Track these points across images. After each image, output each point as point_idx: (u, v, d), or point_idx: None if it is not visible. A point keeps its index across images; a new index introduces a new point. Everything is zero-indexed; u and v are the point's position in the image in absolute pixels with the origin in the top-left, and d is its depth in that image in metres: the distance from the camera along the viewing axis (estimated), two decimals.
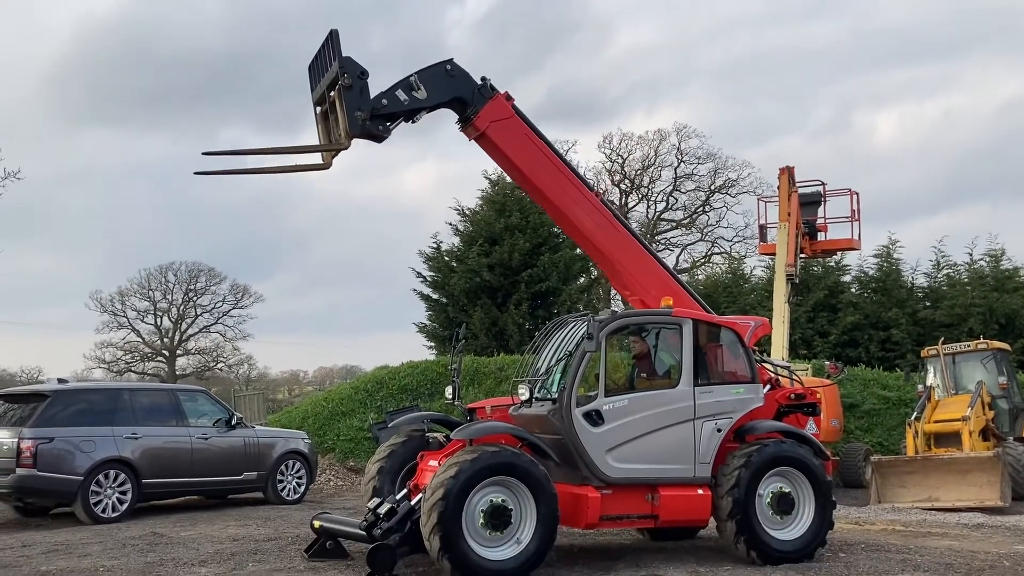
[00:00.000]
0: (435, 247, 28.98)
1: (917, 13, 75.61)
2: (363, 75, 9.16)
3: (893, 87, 73.58)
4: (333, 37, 9.21)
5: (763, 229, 21.55)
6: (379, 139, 9.44)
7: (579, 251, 23.85)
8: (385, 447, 9.81)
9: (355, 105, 9.10)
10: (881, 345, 25.13)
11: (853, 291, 26.94)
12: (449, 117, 9.98)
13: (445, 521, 7.49)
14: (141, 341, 52.66)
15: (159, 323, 52.63)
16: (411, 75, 9.46)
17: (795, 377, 10.60)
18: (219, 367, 54.54)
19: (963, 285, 25.75)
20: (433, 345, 28.62)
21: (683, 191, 44.86)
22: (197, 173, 9.74)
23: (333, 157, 9.44)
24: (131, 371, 52.16)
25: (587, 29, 74.68)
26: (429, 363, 22.42)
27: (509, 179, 14.61)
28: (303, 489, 14.74)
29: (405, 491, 8.60)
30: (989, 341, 17.57)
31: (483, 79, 9.83)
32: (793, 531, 8.80)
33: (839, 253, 23.61)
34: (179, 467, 13.07)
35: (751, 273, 30.32)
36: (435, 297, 28.57)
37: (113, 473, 12.28)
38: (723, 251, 43.10)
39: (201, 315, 52.87)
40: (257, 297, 53.50)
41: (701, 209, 44.88)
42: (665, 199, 44.96)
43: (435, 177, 78.84)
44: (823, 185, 20.06)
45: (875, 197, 66.85)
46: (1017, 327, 24.15)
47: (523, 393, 8.72)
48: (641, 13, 76.95)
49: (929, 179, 70.79)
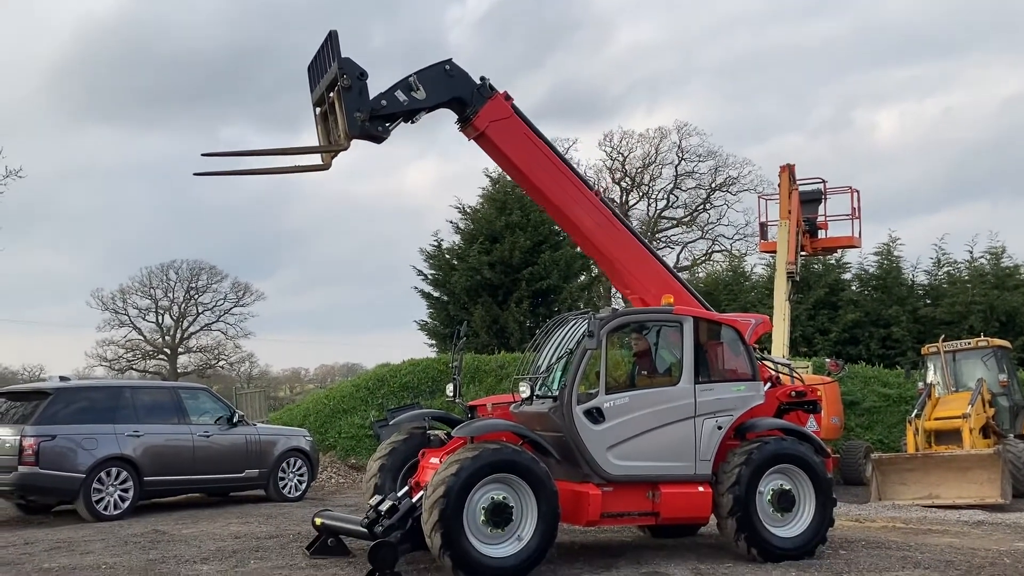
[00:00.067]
0: (436, 245, 29.02)
1: (918, 11, 75.68)
2: (362, 76, 9.14)
3: (894, 85, 73.65)
4: (332, 38, 9.20)
5: (764, 227, 21.56)
6: (378, 140, 9.43)
7: (580, 249, 23.82)
8: (386, 444, 9.83)
9: (354, 106, 9.08)
10: (881, 343, 25.13)
11: (854, 289, 26.94)
12: (449, 116, 9.96)
13: (446, 518, 7.51)
14: (143, 339, 52.75)
15: (160, 321, 52.76)
16: (410, 75, 9.44)
17: (796, 375, 10.61)
18: (220, 365, 54.61)
19: (963, 283, 25.74)
20: (434, 343, 28.65)
21: (684, 189, 44.98)
22: (197, 174, 9.76)
23: (332, 158, 9.43)
24: (133, 369, 52.22)
25: (588, 27, 74.77)
26: (430, 361, 22.44)
27: (510, 177, 14.60)
28: (304, 487, 14.76)
29: (406, 488, 8.61)
30: (989, 339, 17.60)
31: (482, 79, 9.81)
32: (794, 528, 8.81)
33: (840, 251, 23.64)
34: (181, 465, 13.10)
35: (752, 271, 30.39)
36: (436, 295, 28.59)
37: (115, 471, 12.30)
38: (724, 249, 43.16)
39: (202, 313, 53.03)
40: (258, 295, 53.63)
41: (702, 207, 44.95)
42: (666, 197, 45.08)
43: (436, 175, 78.92)
44: (824, 183, 20.07)
45: (876, 195, 66.99)
46: (1018, 325, 24.15)
47: (524, 391, 8.74)
48: (642, 11, 76.98)
49: (930, 177, 70.85)
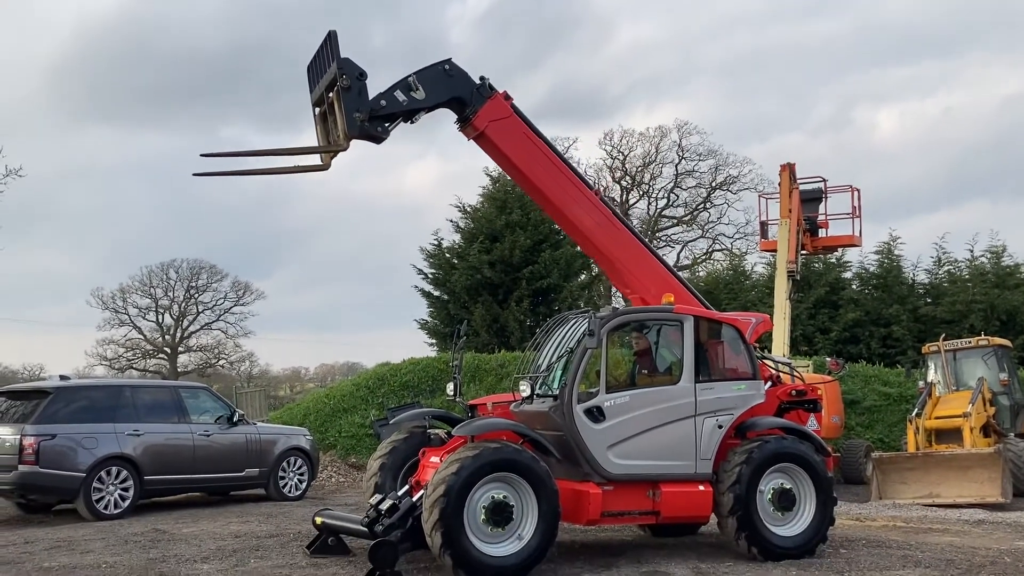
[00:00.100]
0: (436, 244, 28.99)
1: (918, 10, 75.68)
2: (361, 76, 9.13)
3: (894, 84, 73.68)
4: (331, 38, 9.18)
5: (764, 226, 21.55)
6: (378, 140, 9.40)
7: (580, 249, 23.84)
8: (387, 443, 9.82)
9: (353, 106, 9.07)
10: (882, 342, 25.12)
11: (854, 288, 26.92)
12: (449, 115, 9.94)
13: (447, 517, 7.51)
14: (143, 338, 52.73)
15: (161, 320, 52.77)
16: (409, 75, 9.42)
17: (796, 373, 10.61)
18: (221, 364, 54.58)
19: (964, 282, 25.72)
20: (434, 342, 28.64)
21: (684, 188, 44.92)
22: (196, 174, 9.77)
23: (332, 158, 9.41)
24: (133, 368, 52.20)
25: (588, 26, 74.75)
26: (430, 360, 22.44)
27: (509, 177, 14.56)
28: (305, 486, 14.76)
29: (407, 487, 8.60)
30: (990, 337, 17.60)
31: (481, 78, 9.79)
32: (794, 527, 8.81)
33: (840, 250, 23.64)
34: (181, 464, 13.10)
35: (752, 270, 30.36)
36: (436, 294, 28.58)
37: (115, 470, 12.29)
38: (724, 248, 43.09)
39: (203, 312, 53.01)
40: (258, 294, 53.63)
41: (702, 206, 44.90)
42: (666, 196, 45.03)
43: (436, 174, 78.87)
44: (824, 182, 20.04)
45: (876, 194, 67.00)
46: (1018, 323, 24.13)
47: (524, 390, 8.74)
48: (642, 10, 77.03)
49: (930, 176, 70.83)
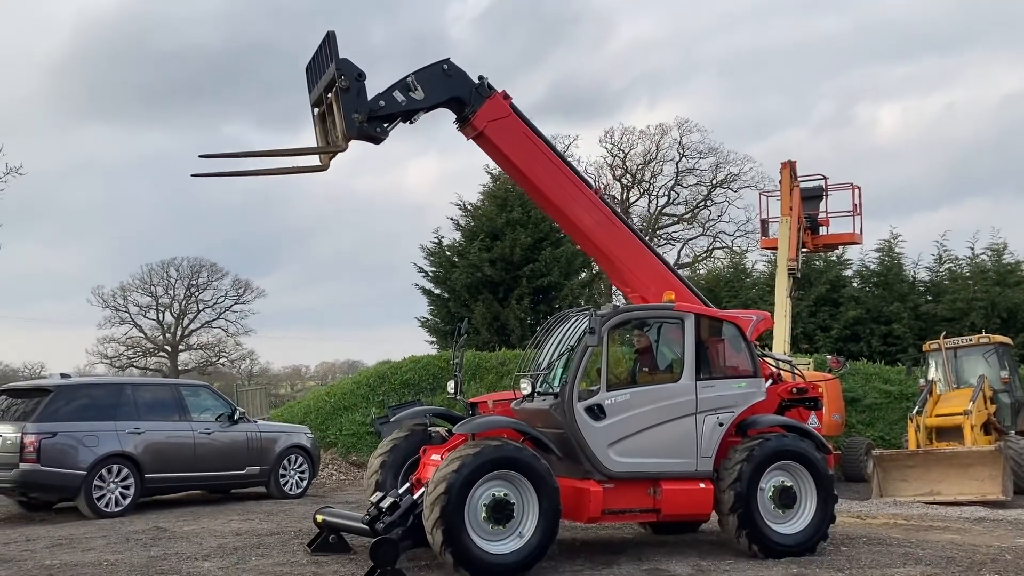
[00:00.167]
0: (436, 242, 28.98)
1: (919, 7, 75.63)
2: (360, 77, 9.11)
3: (895, 81, 73.64)
4: (330, 38, 9.16)
5: (765, 224, 21.54)
6: (376, 141, 9.39)
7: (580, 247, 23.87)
8: (387, 441, 9.83)
9: (352, 107, 9.05)
10: (883, 339, 25.11)
11: (855, 285, 26.91)
12: (449, 114, 9.93)
13: (448, 515, 7.51)
14: (143, 336, 52.72)
15: (161, 318, 52.74)
16: (408, 76, 9.40)
17: (797, 371, 10.61)
18: (221, 362, 54.59)
19: (965, 279, 25.70)
20: (435, 340, 28.63)
21: (684, 186, 44.90)
22: (194, 175, 9.76)
23: (331, 159, 9.40)
24: (133, 366, 52.20)
25: (588, 23, 74.73)
26: (431, 358, 22.43)
27: (509, 176, 14.53)
28: (305, 484, 14.77)
29: (408, 485, 8.60)
30: (991, 335, 17.61)
31: (480, 78, 9.77)
32: (795, 525, 8.82)
33: (841, 247, 23.63)
34: (182, 462, 13.10)
35: (753, 268, 30.32)
36: (437, 292, 28.57)
37: (116, 468, 12.31)
38: (725, 246, 43.07)
39: (203, 310, 53.00)
40: (259, 292, 53.63)
41: (703, 204, 44.90)
42: (667, 194, 45.00)
43: (436, 172, 78.88)
44: (825, 179, 20.01)
45: (877, 191, 66.97)
46: (1019, 321, 24.11)
47: (525, 388, 8.74)
48: (642, 7, 77.04)
49: (931, 173, 70.81)
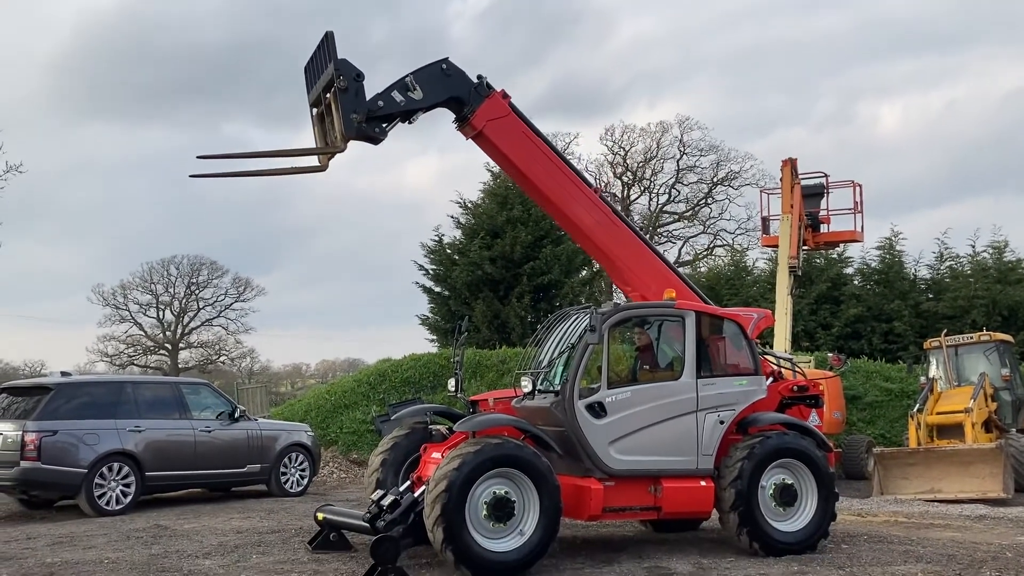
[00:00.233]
0: (437, 240, 28.99)
1: (920, 5, 75.53)
2: (359, 77, 9.08)
3: (897, 78, 73.55)
4: (328, 39, 9.14)
5: (766, 221, 21.53)
6: (375, 141, 9.36)
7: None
8: (388, 439, 9.82)
9: (351, 107, 9.03)
10: (884, 337, 25.11)
11: (856, 283, 26.90)
12: (448, 114, 9.90)
13: (448, 513, 7.51)
14: (144, 334, 52.66)
15: (161, 316, 52.67)
16: (407, 75, 9.37)
17: (798, 369, 10.60)
18: (221, 360, 54.52)
19: (966, 277, 25.70)
20: (435, 338, 28.63)
21: (685, 183, 44.87)
22: (193, 176, 9.76)
23: (329, 159, 9.38)
24: (134, 364, 52.15)
25: (589, 21, 74.69)
26: (431, 356, 22.45)
27: (508, 176, 14.52)
28: (306, 482, 14.77)
29: (408, 483, 8.61)
30: (992, 333, 17.59)
31: (479, 77, 9.74)
32: (796, 523, 8.81)
33: (842, 245, 23.66)
34: (182, 460, 13.11)
35: (754, 265, 30.32)
36: (437, 290, 28.57)
37: (117, 466, 12.32)
38: (725, 243, 43.06)
39: (203, 308, 52.92)
40: (259, 290, 53.56)
41: (703, 201, 44.89)
42: (667, 191, 45.00)
43: (437, 170, 78.85)
44: (826, 177, 20.01)
45: (878, 189, 66.89)
46: (1020, 319, 24.10)
47: (526, 385, 8.74)
48: (643, 5, 76.98)
49: (932, 171, 70.74)
